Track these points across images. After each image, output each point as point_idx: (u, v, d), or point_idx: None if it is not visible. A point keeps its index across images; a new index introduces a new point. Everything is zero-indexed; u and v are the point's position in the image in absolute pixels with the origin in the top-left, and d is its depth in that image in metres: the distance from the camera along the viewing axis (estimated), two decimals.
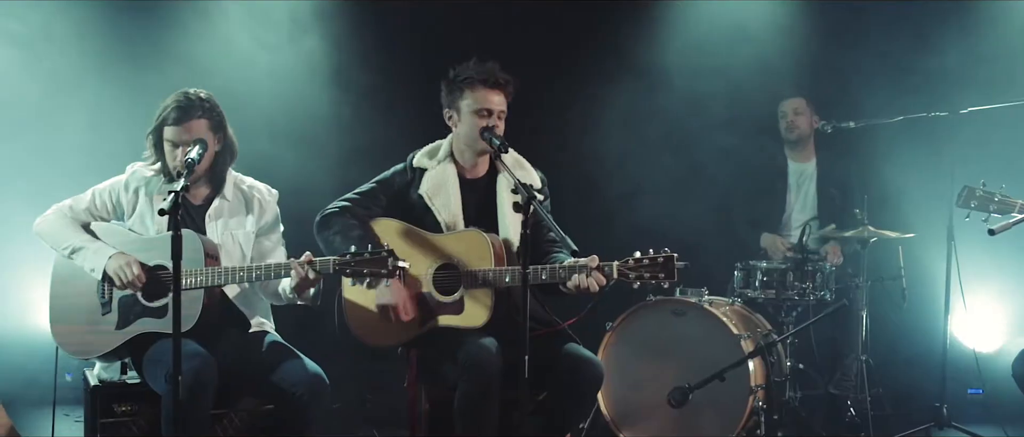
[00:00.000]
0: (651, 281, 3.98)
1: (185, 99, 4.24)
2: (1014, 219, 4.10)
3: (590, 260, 4.02)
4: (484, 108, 4.36)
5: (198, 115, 4.24)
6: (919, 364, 6.46)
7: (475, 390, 4.09)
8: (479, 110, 4.36)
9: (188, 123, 4.21)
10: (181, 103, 4.23)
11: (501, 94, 4.38)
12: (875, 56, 6.77)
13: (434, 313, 4.31)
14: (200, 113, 4.24)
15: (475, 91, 4.38)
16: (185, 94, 4.26)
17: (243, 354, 4.26)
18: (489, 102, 4.35)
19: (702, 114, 6.87)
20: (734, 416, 5.18)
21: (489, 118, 4.35)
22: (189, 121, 4.21)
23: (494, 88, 4.37)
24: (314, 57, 6.86)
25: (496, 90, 4.37)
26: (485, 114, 4.36)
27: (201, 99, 4.27)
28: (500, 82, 4.38)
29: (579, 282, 4.02)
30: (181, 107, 4.22)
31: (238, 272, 4.11)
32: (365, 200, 4.47)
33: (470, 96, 4.38)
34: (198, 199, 4.38)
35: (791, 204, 6.52)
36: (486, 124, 4.33)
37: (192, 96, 4.26)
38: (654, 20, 7.13)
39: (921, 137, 6.23)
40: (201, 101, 4.27)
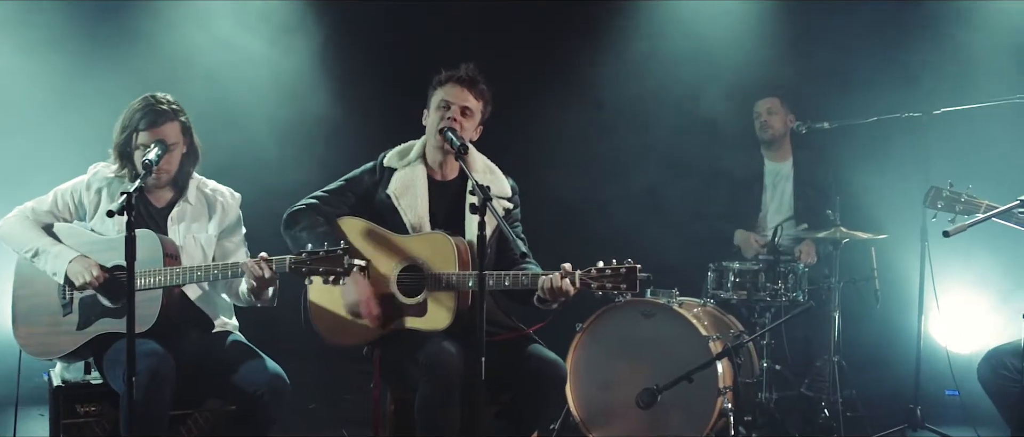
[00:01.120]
0: (613, 291, 3.99)
1: (155, 102, 4.24)
2: (970, 221, 4.09)
3: (565, 267, 4.03)
4: (445, 100, 4.36)
5: (170, 118, 4.24)
6: (893, 365, 6.45)
7: (435, 392, 4.08)
8: (441, 103, 4.37)
9: (160, 127, 4.21)
10: (151, 107, 4.22)
11: (467, 91, 4.36)
12: (849, 56, 6.76)
13: (397, 314, 4.29)
14: (171, 116, 4.25)
15: (444, 87, 4.39)
16: (153, 97, 4.26)
17: (205, 354, 4.26)
18: (452, 95, 4.35)
19: (676, 114, 6.89)
20: (702, 417, 5.18)
21: (447, 111, 4.33)
22: (162, 125, 4.22)
23: (460, 84, 4.37)
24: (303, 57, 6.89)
25: (461, 86, 4.36)
26: (444, 107, 4.35)
27: (169, 102, 4.28)
28: (465, 78, 4.37)
29: (551, 283, 4.01)
30: (153, 111, 4.21)
31: (195, 272, 4.12)
32: (333, 198, 4.45)
33: (439, 92, 4.40)
34: (161, 202, 4.38)
35: (766, 204, 6.52)
36: (445, 116, 4.33)
37: (160, 99, 4.26)
38: (626, 19, 7.14)
39: (895, 138, 6.23)
40: (170, 104, 4.27)
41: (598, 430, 5.40)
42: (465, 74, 4.38)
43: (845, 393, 5.88)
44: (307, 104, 6.88)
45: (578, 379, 5.45)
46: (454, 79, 4.38)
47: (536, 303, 4.16)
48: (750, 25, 7.03)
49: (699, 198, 6.60)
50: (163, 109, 4.23)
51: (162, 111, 4.22)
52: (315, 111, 6.87)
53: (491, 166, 4.56)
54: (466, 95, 4.36)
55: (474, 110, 4.39)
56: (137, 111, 4.23)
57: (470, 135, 4.40)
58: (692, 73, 6.95)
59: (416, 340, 4.20)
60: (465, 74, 4.38)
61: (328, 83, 6.93)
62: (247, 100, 6.69)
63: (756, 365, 5.69)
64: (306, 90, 6.90)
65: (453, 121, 4.31)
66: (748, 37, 7.00)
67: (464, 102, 4.36)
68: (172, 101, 4.29)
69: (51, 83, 6.27)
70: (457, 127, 4.31)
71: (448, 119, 4.32)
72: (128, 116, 4.25)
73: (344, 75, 6.94)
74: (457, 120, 4.32)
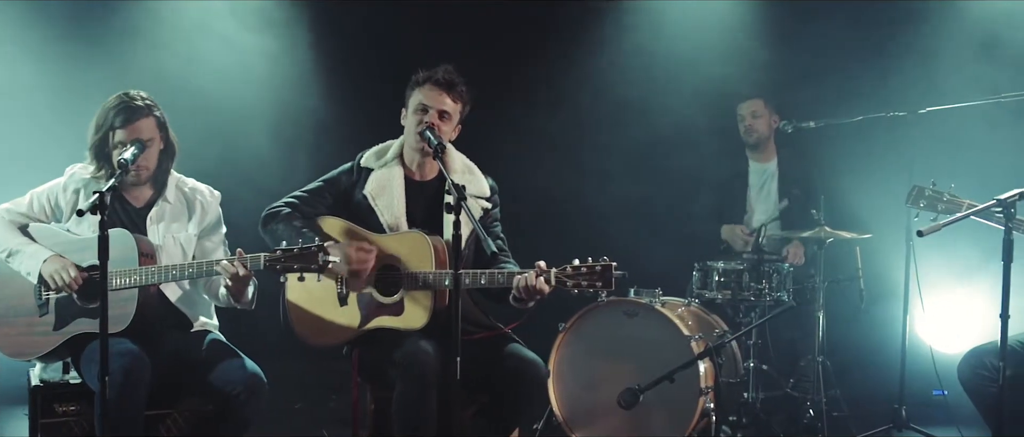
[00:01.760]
0: (589, 289, 3.98)
1: (129, 100, 4.23)
2: (945, 221, 4.08)
3: (539, 265, 4.04)
4: (423, 103, 4.35)
5: (145, 114, 4.23)
6: (879, 365, 6.44)
7: (412, 391, 4.08)
8: (419, 106, 4.36)
9: (136, 123, 4.20)
10: (126, 104, 4.22)
11: (445, 94, 4.35)
12: (834, 55, 6.75)
13: (375, 314, 4.29)
14: (146, 112, 4.24)
15: (421, 89, 4.38)
16: (128, 95, 4.25)
17: (183, 354, 4.25)
18: (430, 99, 4.34)
19: (661, 115, 6.89)
20: (684, 417, 5.17)
21: (425, 114, 4.33)
22: (138, 121, 4.21)
23: (438, 86, 4.35)
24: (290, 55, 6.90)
25: (440, 89, 4.35)
26: (422, 110, 4.35)
27: (144, 99, 4.27)
28: (442, 81, 4.36)
29: (526, 281, 4.01)
30: (128, 108, 4.21)
31: (170, 271, 4.11)
32: (311, 198, 4.46)
33: (417, 94, 4.39)
34: (140, 202, 4.37)
35: (752, 204, 6.50)
36: (423, 119, 4.32)
37: (135, 96, 4.26)
38: (610, 20, 7.14)
39: (880, 137, 6.22)
40: (144, 101, 4.26)
41: (581, 430, 5.39)
42: (442, 77, 4.37)
43: (830, 393, 5.87)
44: (296, 102, 6.90)
45: (561, 379, 5.44)
46: (432, 81, 4.36)
47: (512, 301, 4.16)
48: (734, 25, 7.03)
49: (685, 199, 6.58)
50: (137, 105, 4.22)
51: (136, 108, 4.21)
52: (303, 109, 6.89)
53: (470, 165, 4.56)
54: (444, 98, 4.36)
55: (452, 113, 4.39)
56: (111, 109, 4.22)
57: (449, 136, 4.41)
58: (676, 74, 6.95)
59: (393, 339, 4.20)
60: (442, 77, 4.37)
61: (317, 81, 6.94)
62: (235, 98, 6.70)
63: (740, 365, 5.68)
64: (294, 88, 6.91)
65: (431, 125, 4.31)
66: (732, 37, 7.00)
67: (442, 106, 4.35)
68: (146, 97, 4.28)
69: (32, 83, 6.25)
70: (436, 129, 4.30)
71: (425, 124, 4.31)
72: (102, 115, 4.24)
73: (331, 73, 6.94)
74: (435, 124, 4.32)
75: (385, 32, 6.90)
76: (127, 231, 4.18)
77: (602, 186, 6.93)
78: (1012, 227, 3.99)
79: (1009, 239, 3.95)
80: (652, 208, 6.75)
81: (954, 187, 4.46)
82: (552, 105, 7.10)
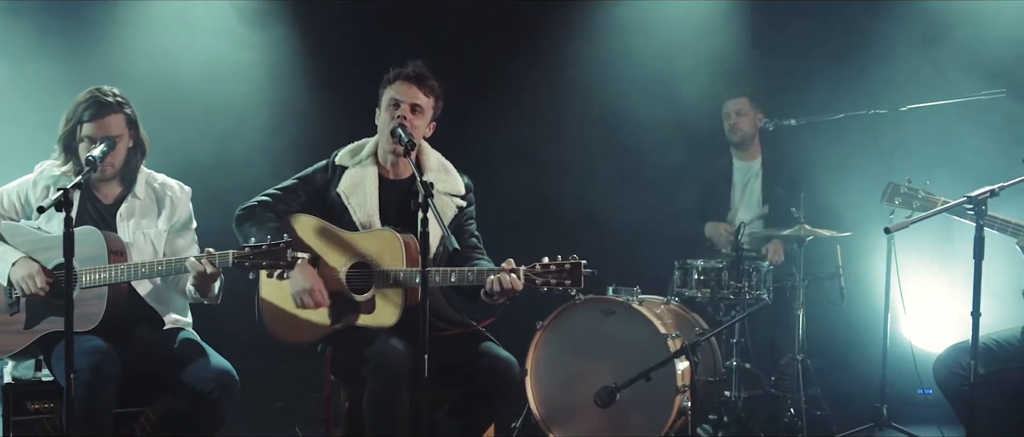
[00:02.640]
0: (558, 287, 3.98)
1: (100, 95, 4.22)
2: (914, 218, 4.07)
3: (506, 263, 4.05)
4: (394, 98, 4.36)
5: (114, 111, 4.23)
6: (861, 364, 6.41)
7: (383, 389, 4.08)
8: (390, 102, 4.37)
9: (105, 119, 4.20)
10: (96, 99, 4.21)
11: (415, 88, 4.35)
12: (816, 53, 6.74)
13: (347, 312, 4.29)
14: (116, 109, 4.23)
15: (393, 85, 4.39)
16: (99, 91, 4.25)
17: (154, 352, 4.24)
18: (401, 94, 4.35)
19: (645, 114, 6.87)
20: (661, 415, 5.17)
21: (397, 109, 4.33)
22: (106, 117, 4.20)
23: (408, 81, 4.36)
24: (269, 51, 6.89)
25: (410, 83, 4.35)
26: (394, 105, 4.35)
27: (115, 95, 4.26)
28: (412, 75, 4.36)
29: (496, 280, 4.01)
30: (98, 104, 4.20)
31: (140, 268, 4.10)
32: (285, 196, 4.46)
33: (389, 91, 4.40)
34: (109, 198, 4.37)
35: (735, 202, 6.48)
36: (396, 114, 4.32)
37: (106, 92, 4.25)
38: (592, 19, 7.13)
39: (861, 135, 6.21)
40: (116, 97, 4.26)
41: (558, 429, 5.38)
42: (412, 71, 4.37)
43: (809, 392, 5.85)
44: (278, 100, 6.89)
45: (539, 378, 5.43)
46: (402, 76, 4.37)
47: (483, 298, 4.16)
48: (717, 23, 7.02)
49: (668, 198, 6.56)
50: (107, 101, 4.21)
51: (107, 103, 4.20)
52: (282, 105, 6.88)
53: (445, 164, 4.55)
54: (415, 92, 4.35)
55: (424, 107, 4.38)
56: (81, 103, 4.22)
57: (422, 131, 4.41)
58: (659, 72, 6.94)
59: (365, 337, 4.20)
60: (412, 71, 4.37)
61: (298, 79, 6.93)
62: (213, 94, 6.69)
63: (720, 363, 5.66)
64: (275, 86, 6.90)
65: (403, 119, 4.31)
66: (714, 35, 6.98)
67: (413, 99, 4.34)
68: (118, 94, 4.27)
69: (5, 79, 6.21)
70: (408, 125, 4.30)
71: (398, 117, 4.31)
72: (72, 109, 4.24)
73: (313, 72, 6.93)
74: (407, 118, 4.32)
75: (365, 30, 6.89)
76: (96, 228, 4.17)
77: (584, 184, 6.92)
78: (983, 224, 3.98)
79: (980, 236, 3.93)
80: (634, 206, 6.73)
81: (929, 184, 4.45)
82: (533, 103, 7.11)
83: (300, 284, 4.22)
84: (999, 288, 4.50)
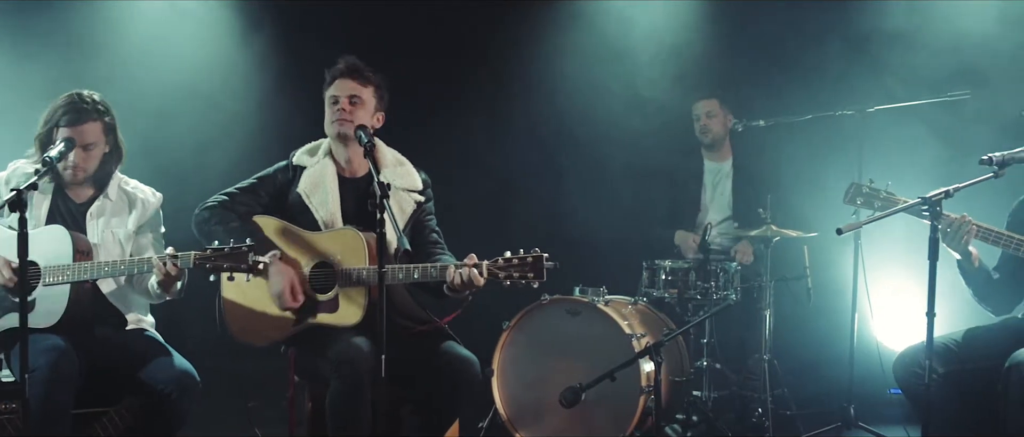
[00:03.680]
0: (520, 281, 4.00)
1: (79, 100, 4.24)
2: (866, 218, 4.10)
3: (469, 258, 4.06)
4: (333, 96, 4.40)
5: (92, 117, 4.24)
6: (830, 364, 6.44)
7: (346, 388, 4.07)
8: (330, 100, 4.41)
9: (82, 126, 4.22)
10: (75, 104, 4.23)
11: (351, 81, 4.39)
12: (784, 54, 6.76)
13: (310, 311, 4.29)
14: (95, 115, 4.25)
15: (330, 87, 4.43)
16: (78, 95, 4.26)
17: (116, 351, 4.24)
18: (337, 90, 4.39)
19: (616, 114, 6.89)
20: (626, 415, 5.17)
21: (336, 105, 4.36)
22: (83, 123, 4.22)
23: (341, 76, 4.40)
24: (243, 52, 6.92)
25: (343, 78, 4.40)
26: (334, 102, 4.39)
27: (95, 101, 4.28)
28: (345, 70, 4.40)
29: (458, 275, 4.03)
30: (77, 109, 4.22)
31: (103, 267, 4.11)
32: (244, 196, 4.46)
33: (328, 92, 4.44)
34: (81, 198, 4.38)
35: (705, 203, 6.49)
36: (336, 109, 4.36)
37: (86, 97, 4.26)
38: (561, 18, 7.15)
39: (829, 136, 6.23)
40: (95, 103, 4.27)
41: (525, 429, 5.38)
42: (345, 66, 4.42)
43: (776, 392, 5.88)
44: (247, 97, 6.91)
45: (505, 378, 5.44)
46: (337, 74, 4.42)
47: (446, 292, 4.17)
48: (687, 23, 7.03)
49: (639, 198, 6.58)
50: (85, 108, 4.23)
51: (84, 109, 4.22)
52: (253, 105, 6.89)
53: (401, 159, 4.57)
54: (351, 85, 4.38)
55: (363, 97, 4.40)
56: (61, 107, 4.23)
57: (368, 121, 4.40)
58: (628, 71, 6.97)
59: (328, 337, 4.20)
60: (345, 66, 4.42)
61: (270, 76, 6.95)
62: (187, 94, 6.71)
63: (687, 363, 5.67)
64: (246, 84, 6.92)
65: (343, 112, 4.34)
66: (685, 35, 7.01)
67: (350, 92, 4.38)
68: (98, 100, 4.29)
69: None
70: (350, 118, 4.33)
71: (338, 111, 4.34)
72: (51, 111, 4.25)
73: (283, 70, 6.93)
74: (347, 110, 4.35)
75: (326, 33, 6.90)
76: (64, 228, 4.18)
77: (552, 185, 6.94)
78: (938, 225, 4.00)
79: (934, 237, 3.95)
80: (604, 207, 6.74)
81: (890, 185, 4.46)
82: (500, 103, 7.14)
83: (277, 286, 4.22)
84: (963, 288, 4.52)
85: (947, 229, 4.24)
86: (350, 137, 4.33)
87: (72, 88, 4.33)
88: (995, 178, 4.09)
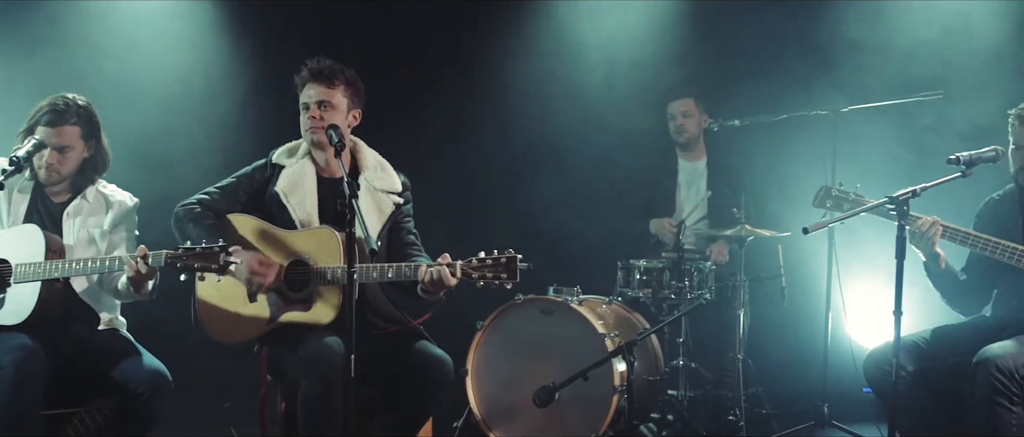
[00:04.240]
0: (494, 281, 4.01)
1: (62, 103, 4.26)
2: (832, 218, 4.14)
3: (442, 258, 4.07)
4: (304, 102, 4.40)
5: (72, 121, 4.26)
6: (805, 363, 6.46)
7: (317, 387, 4.09)
8: (302, 106, 4.41)
9: (61, 127, 4.23)
10: (57, 107, 4.24)
11: (320, 86, 4.36)
12: (759, 54, 6.80)
13: (283, 310, 4.29)
14: (74, 119, 4.26)
15: (302, 91, 4.42)
16: (62, 98, 4.28)
17: (88, 350, 4.24)
18: (308, 96, 4.38)
19: (591, 114, 6.90)
20: (599, 415, 5.18)
21: (308, 111, 4.36)
22: (62, 125, 4.24)
23: (312, 81, 4.38)
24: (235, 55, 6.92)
25: (313, 83, 4.37)
26: (305, 108, 4.39)
27: (78, 105, 4.29)
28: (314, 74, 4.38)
29: (431, 275, 4.04)
30: (56, 111, 4.23)
31: (74, 264, 4.11)
32: (223, 195, 4.46)
33: (301, 96, 4.43)
34: (59, 198, 4.39)
35: (680, 202, 6.50)
36: (308, 116, 4.36)
37: (69, 101, 4.28)
38: (536, 18, 7.17)
39: (804, 136, 6.25)
40: (77, 107, 4.28)
41: (499, 428, 5.39)
42: (312, 70, 4.40)
43: (750, 391, 5.90)
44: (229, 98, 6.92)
45: (479, 377, 5.44)
46: (307, 79, 4.40)
47: (420, 293, 4.18)
48: (661, 22, 7.06)
49: (615, 198, 6.59)
50: (65, 110, 4.25)
51: (63, 113, 4.24)
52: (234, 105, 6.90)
53: (382, 162, 4.58)
54: (320, 90, 4.37)
55: (335, 102, 4.38)
56: (44, 107, 4.26)
57: (342, 122, 4.39)
58: (603, 72, 6.99)
59: (300, 335, 4.20)
60: (312, 70, 4.40)
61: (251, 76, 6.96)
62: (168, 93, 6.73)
63: (661, 363, 5.68)
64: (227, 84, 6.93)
65: (314, 120, 4.34)
66: (659, 35, 7.03)
67: (320, 98, 4.36)
68: (81, 104, 4.31)
69: None
70: (322, 125, 4.32)
71: (310, 119, 4.35)
72: (35, 110, 4.28)
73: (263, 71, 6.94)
74: (318, 117, 4.35)
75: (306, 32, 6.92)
76: (37, 227, 4.19)
77: (528, 185, 6.95)
78: (905, 224, 4.03)
79: (901, 236, 3.98)
80: (580, 207, 6.76)
81: (859, 187, 4.49)
82: (475, 104, 7.15)
83: (245, 272, 4.21)
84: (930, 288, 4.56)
85: (916, 231, 4.27)
86: (325, 143, 4.31)
87: (61, 89, 4.35)
88: (962, 177, 4.13)
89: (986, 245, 4.30)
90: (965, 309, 4.58)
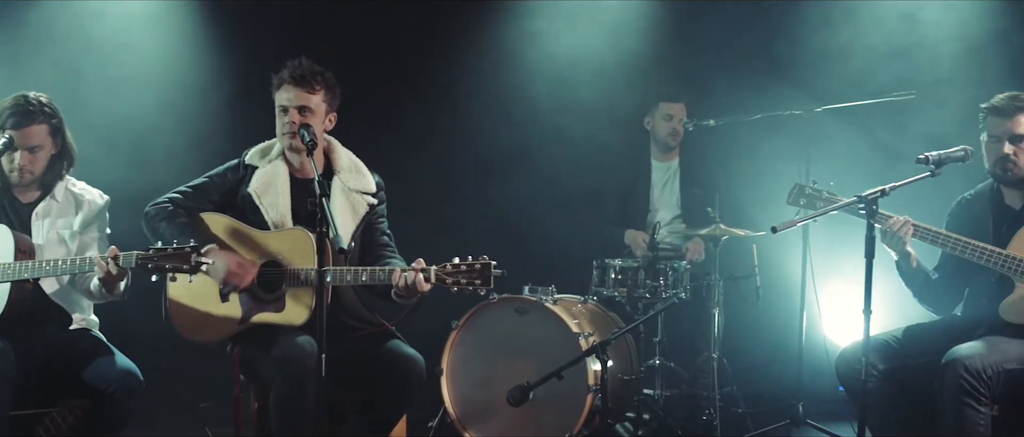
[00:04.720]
0: (468, 287, 4.02)
1: (25, 102, 4.22)
2: (797, 219, 4.16)
3: (416, 263, 4.08)
4: (282, 105, 4.38)
5: (39, 121, 4.24)
6: (780, 362, 6.49)
7: (289, 388, 4.08)
8: (280, 109, 4.39)
9: (28, 129, 4.21)
10: (21, 107, 4.21)
11: (300, 90, 4.34)
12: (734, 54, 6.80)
13: (256, 310, 4.29)
14: (41, 118, 4.24)
15: (279, 92, 4.40)
16: (24, 97, 4.25)
17: (59, 350, 4.23)
18: (286, 100, 4.36)
19: (563, 116, 6.92)
20: (574, 414, 5.18)
21: (286, 115, 4.35)
22: (29, 126, 4.21)
23: (290, 85, 4.36)
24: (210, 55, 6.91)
25: (292, 86, 4.35)
26: (283, 111, 4.37)
27: (41, 103, 4.26)
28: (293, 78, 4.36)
29: (405, 280, 4.04)
30: (21, 111, 4.20)
31: (44, 265, 4.09)
32: (195, 194, 4.45)
33: (277, 97, 4.41)
34: (28, 199, 4.37)
35: (654, 203, 6.50)
36: (286, 121, 4.35)
37: (32, 100, 4.25)
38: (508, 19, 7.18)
39: (779, 135, 6.26)
40: (41, 106, 4.25)
41: (474, 428, 5.38)
42: (292, 73, 4.37)
43: (726, 390, 5.92)
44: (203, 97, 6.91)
45: (454, 377, 5.43)
46: (285, 81, 4.38)
47: (394, 297, 4.18)
48: (636, 23, 7.06)
49: (589, 198, 6.58)
50: (31, 110, 4.22)
51: (29, 112, 4.21)
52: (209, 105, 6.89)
53: (356, 163, 4.58)
54: (299, 94, 4.35)
55: (313, 106, 4.37)
56: (7, 109, 4.22)
57: (318, 126, 4.38)
58: (577, 72, 6.99)
59: (272, 336, 4.19)
60: (292, 73, 4.37)
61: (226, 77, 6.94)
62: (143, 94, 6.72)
63: (636, 362, 5.69)
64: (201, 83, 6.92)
65: (293, 124, 4.32)
66: (634, 35, 7.04)
67: (299, 102, 4.35)
68: (44, 102, 4.28)
69: None
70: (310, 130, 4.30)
71: (288, 123, 4.34)
72: None
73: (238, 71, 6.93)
74: (296, 122, 4.32)
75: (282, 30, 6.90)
76: (6, 227, 4.18)
77: (502, 185, 6.95)
78: (875, 223, 4.05)
79: (871, 235, 4.01)
80: (554, 207, 6.76)
81: (833, 185, 4.51)
82: (450, 104, 7.13)
83: (221, 272, 4.21)
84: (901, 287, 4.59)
85: (887, 230, 4.29)
86: (301, 146, 4.29)
87: (22, 88, 4.32)
88: (932, 177, 4.15)
89: (956, 245, 4.32)
90: (937, 308, 4.61)
